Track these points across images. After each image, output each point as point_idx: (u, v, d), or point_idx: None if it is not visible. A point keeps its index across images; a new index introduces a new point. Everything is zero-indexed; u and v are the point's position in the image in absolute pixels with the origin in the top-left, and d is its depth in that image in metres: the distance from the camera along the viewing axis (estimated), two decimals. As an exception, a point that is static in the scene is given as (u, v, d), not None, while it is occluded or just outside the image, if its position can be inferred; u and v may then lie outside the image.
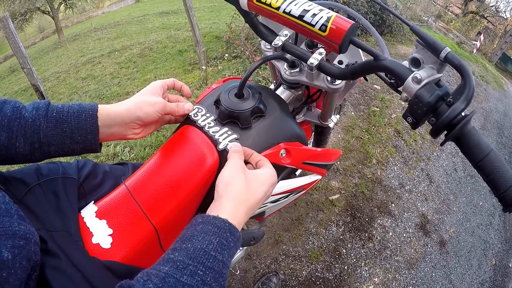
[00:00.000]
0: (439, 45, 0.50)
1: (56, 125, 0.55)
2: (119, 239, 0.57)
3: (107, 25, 16.67)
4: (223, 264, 0.45)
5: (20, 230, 0.42)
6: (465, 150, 0.50)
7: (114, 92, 5.44)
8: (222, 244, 0.46)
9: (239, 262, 1.93)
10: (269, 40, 0.77)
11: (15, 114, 0.52)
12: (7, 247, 0.39)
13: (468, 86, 0.47)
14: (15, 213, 0.44)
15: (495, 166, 0.48)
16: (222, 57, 4.88)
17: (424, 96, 0.50)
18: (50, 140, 0.54)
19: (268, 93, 0.78)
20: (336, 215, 2.39)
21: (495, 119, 5.33)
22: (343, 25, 0.57)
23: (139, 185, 0.63)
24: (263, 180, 0.58)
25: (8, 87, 11.22)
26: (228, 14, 7.69)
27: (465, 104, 0.47)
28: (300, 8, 0.61)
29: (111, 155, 2.52)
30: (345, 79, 0.67)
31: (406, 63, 0.56)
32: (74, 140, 0.56)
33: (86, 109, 0.57)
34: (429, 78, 0.52)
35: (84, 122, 0.56)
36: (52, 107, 0.56)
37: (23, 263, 0.40)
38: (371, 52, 0.59)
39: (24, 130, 0.52)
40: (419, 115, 0.51)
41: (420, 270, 2.33)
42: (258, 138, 0.68)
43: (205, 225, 0.48)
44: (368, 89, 3.97)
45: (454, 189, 3.22)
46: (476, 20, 18.85)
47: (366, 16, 5.70)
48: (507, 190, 0.47)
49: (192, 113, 0.71)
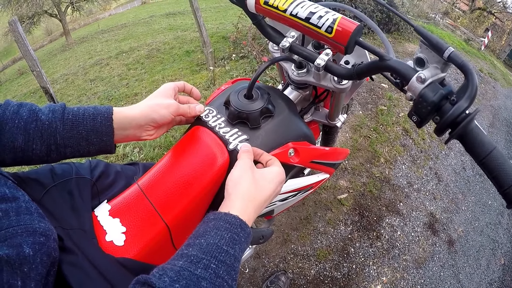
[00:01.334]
0: (442, 45, 0.51)
1: (72, 128, 0.56)
2: (132, 237, 0.58)
3: (114, 27, 16.81)
4: (235, 258, 0.47)
5: (40, 228, 0.44)
6: (469, 148, 0.51)
7: (122, 93, 5.49)
8: (233, 239, 0.48)
9: (248, 261, 1.94)
10: (276, 41, 0.78)
11: (31, 117, 0.54)
12: (28, 244, 0.40)
13: (471, 85, 0.48)
14: (35, 211, 0.46)
15: (498, 163, 0.49)
16: (229, 57, 4.89)
17: (428, 96, 0.51)
18: (66, 142, 0.56)
19: (276, 93, 0.79)
20: (344, 214, 2.39)
21: (504, 116, 5.27)
22: (348, 26, 0.58)
23: (152, 184, 0.64)
24: (271, 178, 0.60)
25: (17, 89, 11.38)
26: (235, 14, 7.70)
27: (468, 103, 0.48)
28: (307, 11, 0.62)
29: (121, 156, 2.55)
30: (352, 79, 0.68)
31: (411, 63, 0.57)
32: (89, 142, 0.58)
33: (101, 112, 0.59)
34: (433, 77, 0.53)
35: (99, 124, 0.58)
36: (68, 110, 0.57)
37: (44, 258, 0.42)
38: (377, 53, 0.60)
39: (40, 132, 0.54)
40: (424, 114, 0.52)
41: (428, 269, 2.32)
42: (267, 138, 0.69)
43: (217, 221, 0.50)
44: (375, 88, 3.96)
45: (462, 188, 3.20)
46: (484, 17, 18.58)
47: (373, 14, 5.67)
48: (510, 186, 0.48)
49: (203, 114, 0.73)
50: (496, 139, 4.51)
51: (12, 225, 0.41)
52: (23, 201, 0.45)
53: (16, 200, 0.44)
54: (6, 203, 0.43)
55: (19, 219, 0.42)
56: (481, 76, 6.50)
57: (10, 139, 0.52)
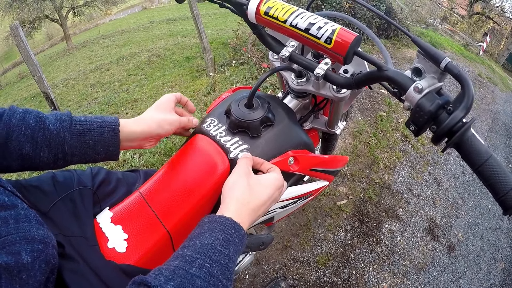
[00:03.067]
0: (439, 55, 0.52)
1: (79, 138, 0.58)
2: (134, 244, 0.59)
3: (115, 32, 16.86)
4: (229, 258, 0.48)
5: (39, 235, 0.44)
6: (465, 156, 0.52)
7: (122, 98, 5.50)
8: (227, 239, 0.49)
9: (248, 267, 1.94)
10: (276, 51, 0.80)
11: (38, 125, 0.55)
12: (26, 251, 0.41)
13: (467, 94, 0.49)
14: (33, 218, 0.46)
15: (494, 171, 0.50)
16: (229, 63, 4.90)
17: (425, 105, 0.52)
18: (73, 151, 0.58)
19: (276, 102, 0.80)
20: (344, 220, 2.40)
21: (503, 121, 5.28)
22: (347, 37, 0.59)
23: (153, 191, 0.65)
24: (267, 184, 0.61)
25: (18, 94, 11.37)
26: (235, 20, 7.73)
27: (464, 112, 0.49)
28: (306, 21, 0.63)
29: (121, 162, 2.56)
30: (350, 88, 0.70)
31: (408, 73, 0.58)
32: (96, 151, 0.60)
33: (108, 123, 0.61)
34: (430, 87, 0.54)
35: (106, 136, 0.60)
36: (75, 119, 0.59)
37: (42, 266, 0.42)
38: (375, 63, 0.61)
39: (48, 141, 0.55)
40: (421, 123, 0.54)
41: (428, 274, 2.32)
42: (267, 147, 0.70)
43: (211, 223, 0.52)
44: (375, 94, 3.97)
45: (462, 193, 3.20)
46: (482, 21, 18.68)
47: (372, 20, 5.70)
48: (506, 194, 0.49)
49: (205, 124, 0.74)
50: (496, 143, 4.52)
51: (11, 233, 0.41)
52: (21, 209, 0.46)
53: (15, 208, 0.45)
54: (5, 211, 0.43)
55: (17, 226, 0.42)
56: (480, 81, 6.53)
57: (17, 146, 0.53)
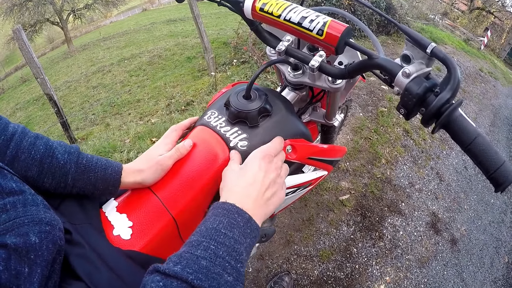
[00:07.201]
0: (425, 41, 0.55)
1: (83, 172, 0.61)
2: (139, 230, 0.61)
3: (116, 34, 16.89)
4: (235, 240, 0.50)
5: (46, 218, 0.46)
6: (454, 136, 0.55)
7: (125, 100, 5.54)
8: (231, 223, 0.52)
9: (252, 262, 1.96)
10: (273, 45, 0.83)
11: (47, 152, 0.58)
12: (34, 232, 0.43)
13: (454, 77, 0.52)
14: (40, 203, 0.48)
15: (483, 149, 0.52)
16: (230, 62, 4.93)
17: (413, 89, 0.55)
18: (75, 183, 0.60)
19: (273, 94, 0.83)
20: (347, 215, 2.41)
21: (505, 115, 5.28)
22: (338, 29, 0.62)
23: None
24: (250, 158, 0.65)
25: (20, 97, 11.44)
26: (235, 20, 7.75)
27: (451, 93, 0.52)
28: (299, 15, 0.66)
29: (125, 161, 2.59)
30: (344, 78, 0.72)
31: (398, 60, 0.61)
32: (96, 187, 0.63)
33: (112, 165, 0.65)
34: (418, 72, 0.57)
35: (109, 175, 0.63)
36: (82, 155, 0.62)
37: (50, 246, 0.44)
38: (365, 52, 0.64)
39: (54, 169, 0.58)
40: (410, 106, 0.56)
41: (431, 268, 2.33)
42: (265, 136, 0.73)
43: (215, 209, 0.55)
44: (375, 90, 3.98)
45: (464, 187, 3.21)
46: (483, 16, 18.59)
47: (372, 17, 5.71)
48: (496, 170, 0.51)
49: (206, 116, 0.77)
50: (498, 137, 4.52)
51: (19, 216, 0.43)
52: (29, 194, 0.48)
53: (23, 193, 0.47)
54: (14, 196, 0.45)
55: (25, 210, 0.44)
56: (481, 76, 6.52)
57: (24, 168, 0.56)
